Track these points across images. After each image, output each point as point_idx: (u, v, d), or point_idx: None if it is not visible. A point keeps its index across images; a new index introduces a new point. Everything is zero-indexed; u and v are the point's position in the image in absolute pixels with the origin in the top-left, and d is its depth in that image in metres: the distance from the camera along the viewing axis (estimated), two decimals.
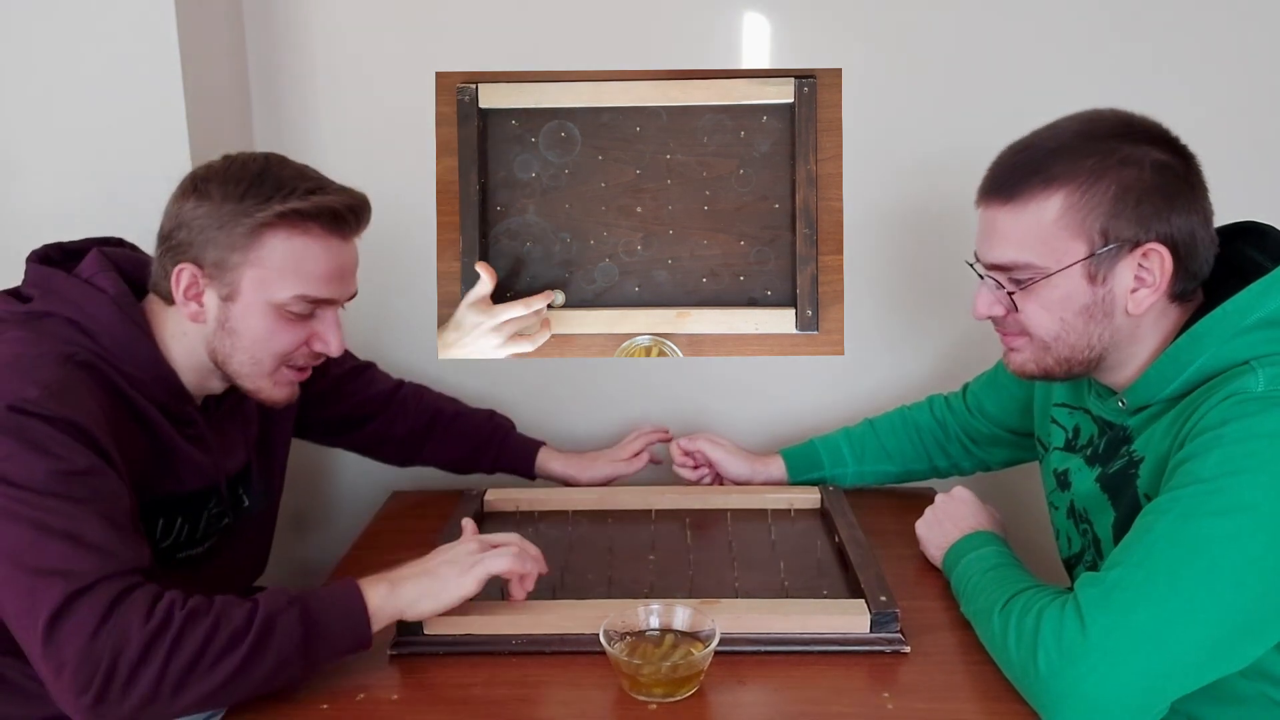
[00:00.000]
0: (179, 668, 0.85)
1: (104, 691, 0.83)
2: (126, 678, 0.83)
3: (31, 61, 1.36)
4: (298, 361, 1.08)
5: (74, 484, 0.89)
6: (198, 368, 1.07)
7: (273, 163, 1.05)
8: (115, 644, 0.83)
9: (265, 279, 1.02)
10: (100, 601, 0.84)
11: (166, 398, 1.05)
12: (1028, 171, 0.96)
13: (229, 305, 1.03)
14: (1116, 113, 0.98)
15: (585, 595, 1.10)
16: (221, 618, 0.88)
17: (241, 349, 1.04)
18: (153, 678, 0.84)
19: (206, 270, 1.02)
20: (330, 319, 1.08)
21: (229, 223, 1.00)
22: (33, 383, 0.91)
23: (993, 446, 1.34)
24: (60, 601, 0.84)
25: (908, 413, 1.41)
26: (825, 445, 1.40)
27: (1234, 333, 0.91)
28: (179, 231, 1.02)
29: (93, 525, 0.88)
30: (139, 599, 0.86)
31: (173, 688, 0.85)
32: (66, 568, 0.85)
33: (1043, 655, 0.86)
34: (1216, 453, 0.86)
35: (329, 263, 1.04)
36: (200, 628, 0.86)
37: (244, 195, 1.01)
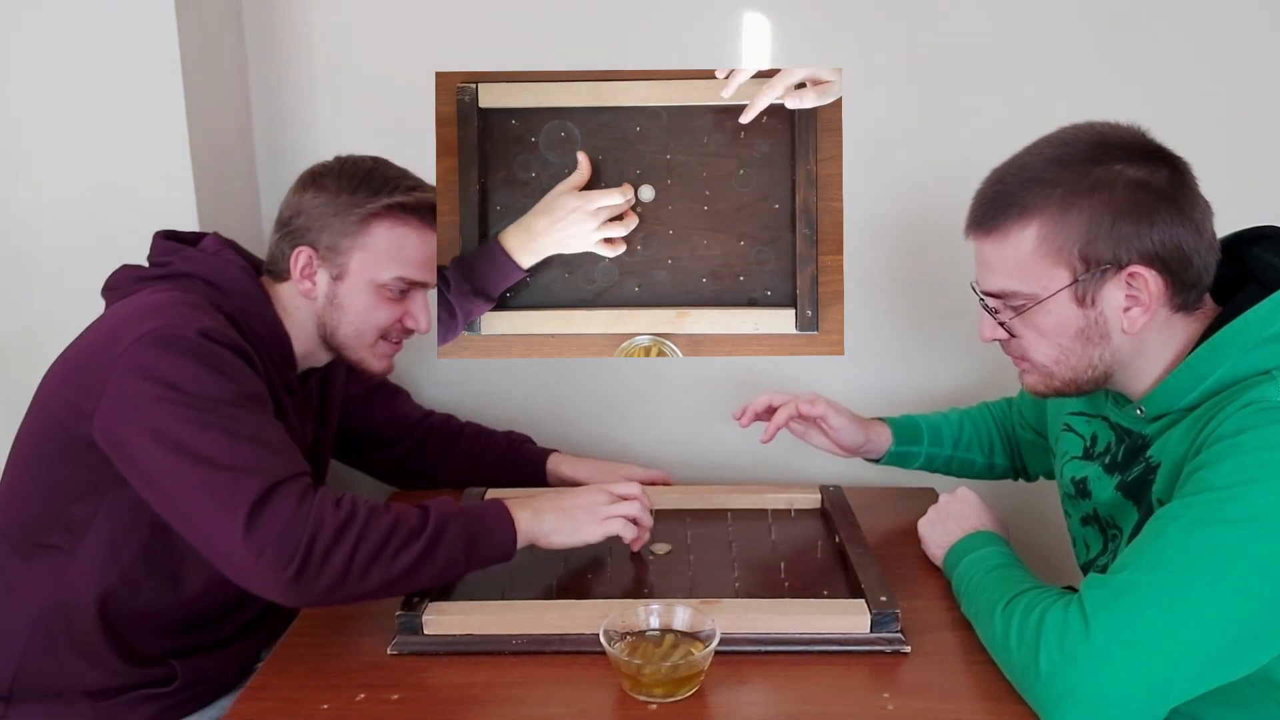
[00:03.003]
0: (366, 553, 0.96)
1: (303, 567, 0.94)
2: (322, 556, 0.94)
3: (32, 62, 1.36)
4: (393, 336, 1.23)
5: (252, 402, 1.02)
6: (305, 340, 1.20)
7: (380, 163, 1.20)
8: (313, 526, 0.95)
9: (370, 261, 1.16)
10: (295, 491, 0.96)
11: (281, 361, 1.18)
12: (1003, 204, 0.96)
13: (338, 284, 1.17)
14: (1092, 130, 0.96)
15: (585, 595, 1.10)
16: (400, 517, 1.00)
17: (347, 322, 1.19)
18: (344, 558, 0.95)
19: (321, 252, 1.16)
20: (421, 300, 1.22)
21: (343, 212, 1.15)
22: (200, 317, 1.04)
23: (1035, 454, 1.35)
24: (260, 492, 0.94)
25: (993, 408, 1.41)
26: (927, 423, 1.38)
27: (1256, 343, 0.90)
28: (298, 219, 1.17)
29: (276, 433, 1.02)
30: (326, 493, 0.99)
31: (360, 570, 0.96)
32: (261, 465, 0.97)
33: (1044, 656, 0.86)
34: (1232, 460, 0.85)
35: (424, 250, 1.20)
36: (383, 522, 0.98)
37: (356, 189, 1.16)
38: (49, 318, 1.43)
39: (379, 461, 1.47)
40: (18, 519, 1.10)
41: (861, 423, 1.35)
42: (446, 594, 1.10)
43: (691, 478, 1.56)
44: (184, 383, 0.98)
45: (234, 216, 1.52)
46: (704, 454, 1.62)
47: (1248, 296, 0.93)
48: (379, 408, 1.45)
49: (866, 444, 1.34)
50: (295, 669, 1.00)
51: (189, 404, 0.97)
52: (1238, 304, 0.93)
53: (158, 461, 0.97)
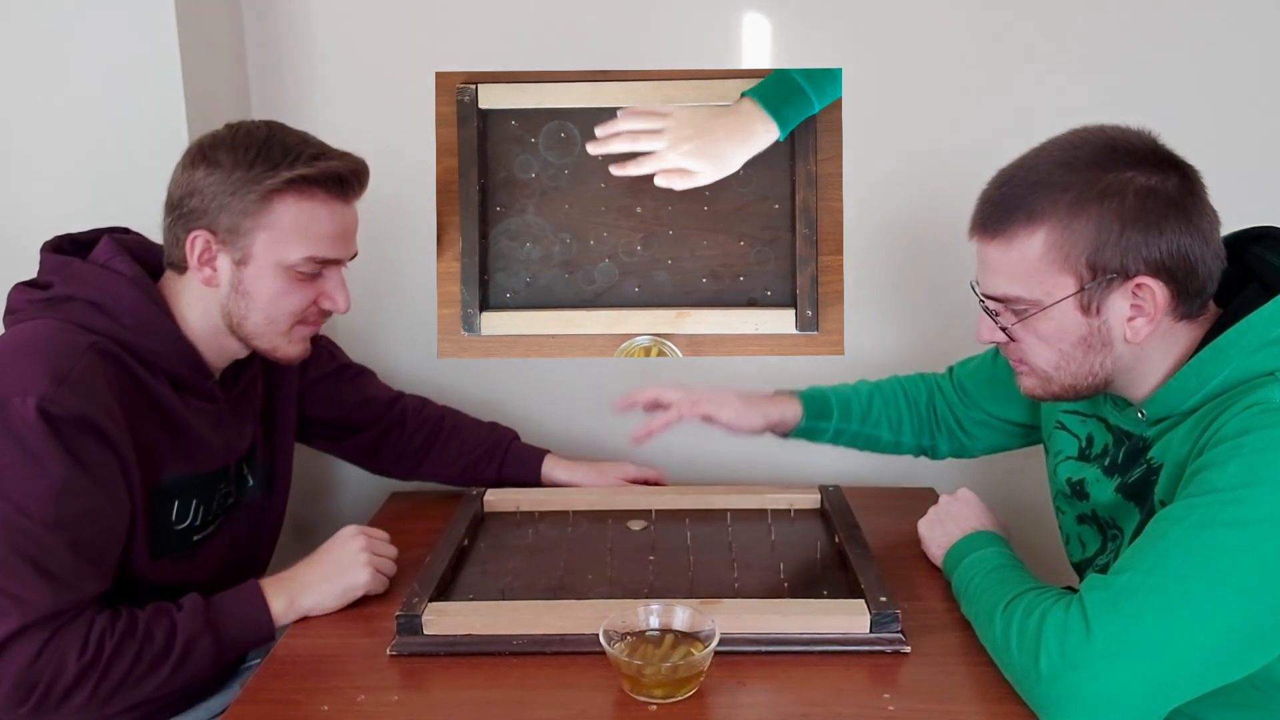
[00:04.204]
0: (108, 689, 0.96)
1: (39, 707, 0.94)
2: (59, 699, 0.94)
3: (32, 61, 1.36)
4: (309, 319, 1.14)
5: (62, 505, 0.95)
6: (215, 335, 1.11)
7: (275, 130, 1.09)
8: (52, 672, 0.94)
9: (276, 241, 1.06)
10: (44, 633, 0.94)
11: (186, 373, 1.10)
12: (1010, 208, 0.94)
13: (242, 269, 1.07)
14: (1102, 134, 0.95)
15: (585, 595, 1.10)
16: (145, 643, 0.98)
17: (256, 309, 1.09)
18: (83, 698, 0.95)
19: (220, 236, 1.06)
20: (336, 278, 1.13)
21: (240, 190, 1.05)
22: (50, 374, 0.96)
23: (979, 430, 1.32)
24: (13, 629, 0.92)
25: (906, 384, 1.37)
26: (837, 397, 1.34)
27: (1259, 345, 0.90)
28: (190, 199, 1.06)
29: (63, 556, 0.96)
30: (78, 631, 0.95)
31: (101, 703, 0.97)
32: (25, 597, 0.93)
33: (1044, 657, 0.86)
34: (1235, 463, 0.85)
35: (334, 225, 1.09)
36: (128, 655, 0.97)
37: (253, 163, 1.05)
38: None
39: (351, 447, 1.42)
40: None
41: (760, 404, 1.31)
42: (446, 594, 1.10)
43: (691, 478, 1.56)
44: (0, 472, 0.94)
45: None
46: (704, 454, 1.61)
47: (1249, 298, 0.92)
48: (345, 391, 1.38)
49: (769, 424, 1.31)
50: (294, 670, 1.00)
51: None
52: (1240, 306, 0.93)
53: None
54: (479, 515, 1.31)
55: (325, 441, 1.42)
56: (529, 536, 1.27)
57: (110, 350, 1.02)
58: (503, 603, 1.07)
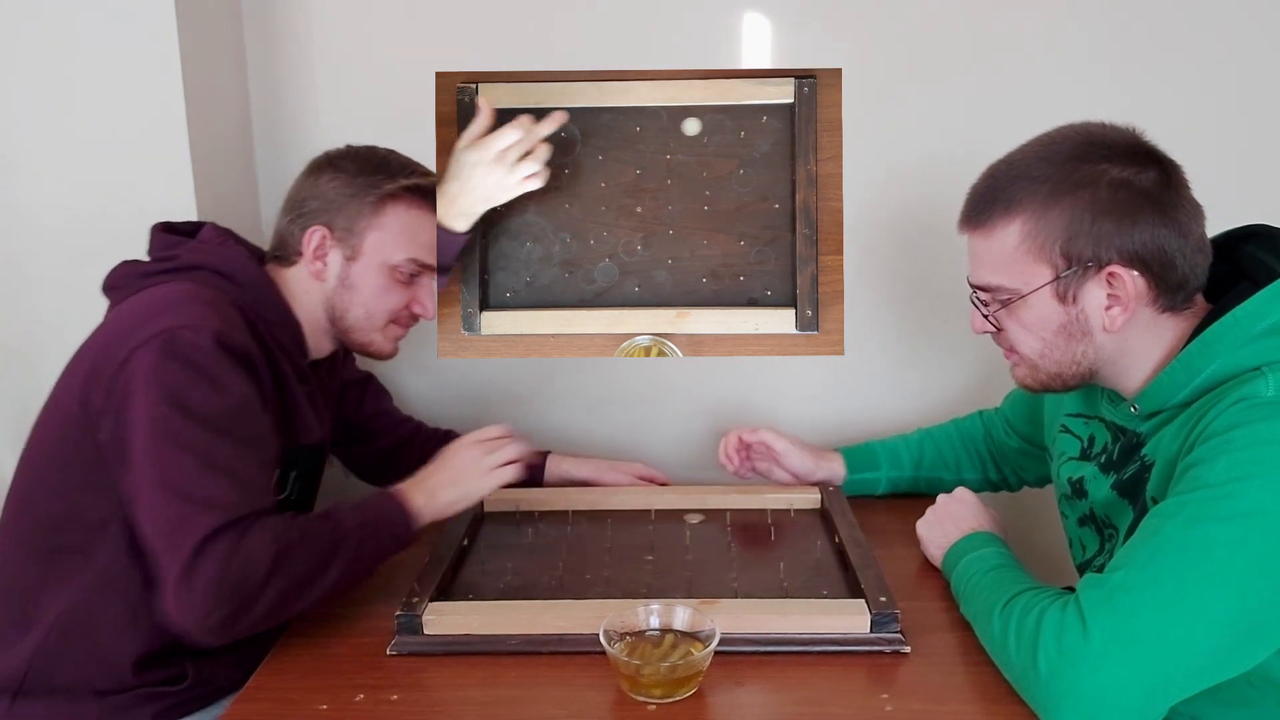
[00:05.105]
0: (292, 584, 0.98)
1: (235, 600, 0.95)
2: (254, 593, 0.96)
3: (32, 62, 1.36)
4: (402, 321, 1.24)
5: (241, 422, 1.02)
6: (314, 327, 1.21)
7: (392, 151, 1.23)
8: (247, 568, 0.95)
9: (385, 242, 1.18)
10: (237, 533, 0.96)
11: (294, 349, 1.18)
12: (991, 199, 0.98)
13: (351, 264, 1.18)
14: (1083, 130, 0.97)
15: (584, 595, 1.10)
16: (319, 539, 1.01)
17: (359, 303, 1.19)
18: (274, 594, 0.97)
19: (336, 233, 1.17)
20: (428, 286, 1.24)
21: (360, 193, 1.17)
22: (217, 315, 1.04)
23: (1026, 462, 1.34)
24: (212, 528, 0.95)
25: (961, 424, 1.42)
26: (884, 449, 1.40)
27: (1246, 339, 0.90)
28: (311, 201, 1.18)
29: (250, 465, 1.01)
30: (265, 530, 0.98)
31: (287, 600, 0.99)
32: (219, 501, 0.97)
33: (1043, 656, 0.86)
34: (1225, 458, 0.86)
35: (433, 234, 1.22)
36: (309, 549, 1.00)
37: (375, 171, 1.18)
38: (49, 318, 1.43)
39: (361, 456, 1.47)
40: (34, 519, 1.09)
41: (812, 451, 1.38)
42: (445, 594, 1.10)
43: (691, 478, 1.56)
44: (180, 395, 0.99)
45: (234, 217, 1.51)
46: (704, 454, 1.61)
47: (1238, 294, 0.93)
48: (368, 400, 1.45)
49: (815, 472, 1.37)
50: (294, 669, 1.00)
51: (179, 418, 0.98)
52: (1228, 301, 0.94)
53: (136, 469, 0.99)
54: (479, 515, 1.31)
55: (342, 447, 1.45)
56: (528, 536, 1.27)
57: (244, 310, 1.10)
58: (502, 602, 1.07)
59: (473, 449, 1.15)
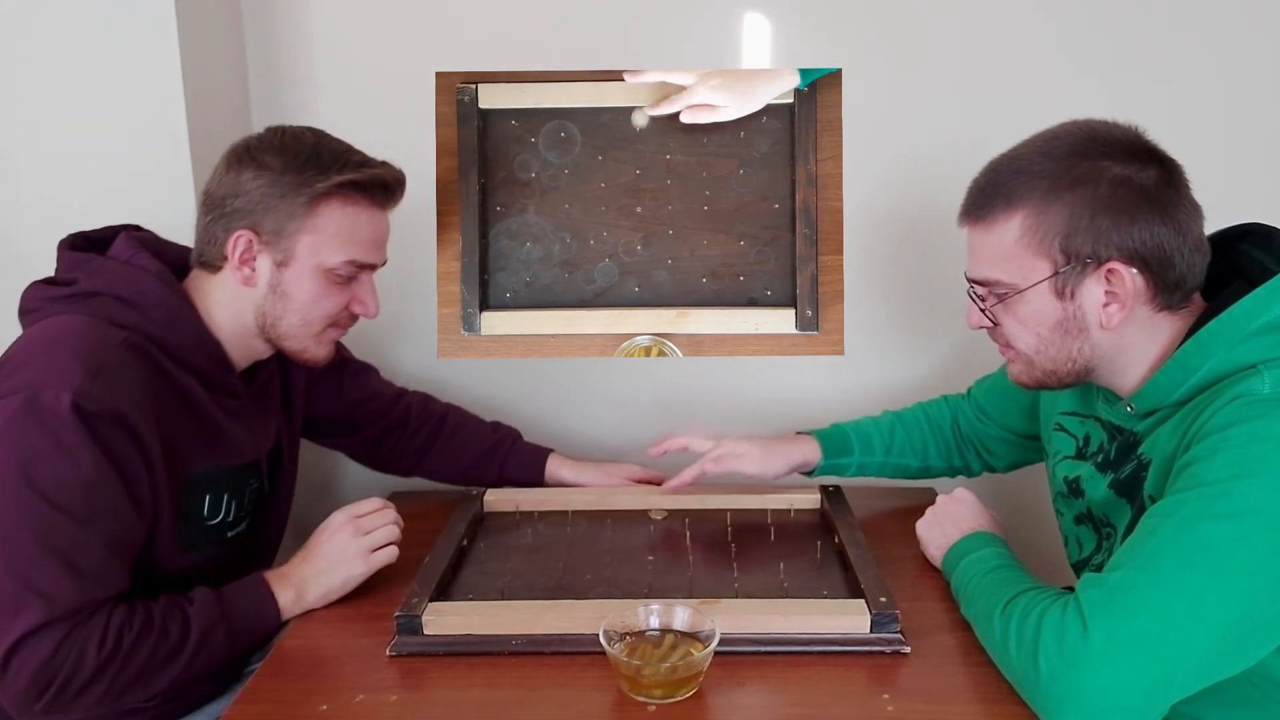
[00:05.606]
0: (124, 683, 0.96)
1: (55, 700, 0.93)
2: (77, 692, 0.94)
3: (32, 61, 1.36)
4: (340, 322, 1.16)
5: (94, 500, 0.95)
6: (242, 335, 1.12)
7: (321, 136, 1.11)
8: (71, 667, 0.93)
9: (319, 245, 1.09)
10: (65, 629, 0.93)
11: (211, 369, 1.10)
12: (992, 193, 0.98)
13: (282, 270, 1.09)
14: (1086, 126, 0.97)
15: (584, 595, 1.09)
16: (161, 636, 0.98)
17: (292, 311, 1.11)
18: (101, 691, 0.95)
19: (264, 237, 1.08)
20: (368, 284, 1.15)
21: (290, 193, 1.06)
22: (84, 368, 0.96)
23: (999, 447, 1.34)
24: (35, 624, 0.91)
25: (929, 409, 1.40)
26: (856, 432, 1.37)
27: (1241, 337, 0.90)
28: (234, 200, 1.07)
29: (93, 552, 0.95)
30: (98, 626, 0.95)
31: (116, 696, 0.96)
32: (50, 591, 0.93)
33: (1043, 657, 0.86)
34: (1222, 456, 0.85)
35: (374, 231, 1.13)
36: (145, 648, 0.97)
37: (303, 167, 1.07)
38: None
39: (354, 444, 1.43)
40: None
41: (781, 449, 1.33)
42: (445, 594, 1.10)
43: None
44: (28, 465, 0.93)
45: None
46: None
47: (1234, 292, 0.93)
48: (348, 387, 1.38)
49: (791, 468, 1.34)
50: (293, 670, 1.00)
51: (24, 489, 0.93)
52: (1224, 300, 0.94)
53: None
54: (479, 515, 1.31)
55: (328, 438, 1.42)
56: (528, 536, 1.27)
57: (141, 345, 1.03)
58: (502, 603, 1.07)
59: (344, 531, 1.11)
